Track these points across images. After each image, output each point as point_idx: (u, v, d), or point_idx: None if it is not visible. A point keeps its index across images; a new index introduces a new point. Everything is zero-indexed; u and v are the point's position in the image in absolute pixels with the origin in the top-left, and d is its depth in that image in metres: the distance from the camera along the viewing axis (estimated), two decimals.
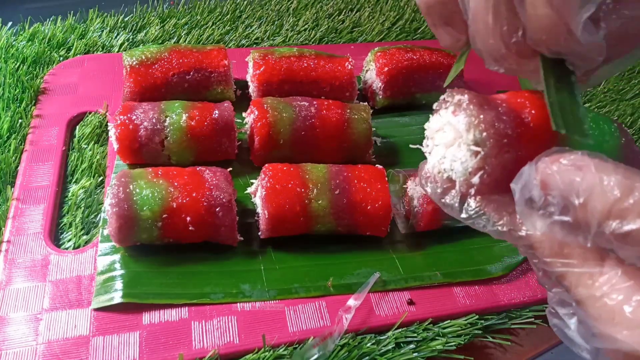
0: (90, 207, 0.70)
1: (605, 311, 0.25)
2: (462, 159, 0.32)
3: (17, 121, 0.79)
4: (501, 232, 0.30)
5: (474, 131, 0.31)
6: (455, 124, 0.32)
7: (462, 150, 0.32)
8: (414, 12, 1.18)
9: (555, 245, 0.28)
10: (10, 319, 0.58)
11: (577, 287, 0.27)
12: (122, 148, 0.71)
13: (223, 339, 0.58)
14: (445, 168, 0.33)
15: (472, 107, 0.31)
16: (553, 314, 0.30)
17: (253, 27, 1.07)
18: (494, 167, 0.31)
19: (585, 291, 0.26)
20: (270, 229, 0.65)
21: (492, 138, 0.30)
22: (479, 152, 0.31)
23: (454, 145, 0.33)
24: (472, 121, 0.31)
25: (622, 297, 0.25)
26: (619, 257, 0.26)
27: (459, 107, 0.32)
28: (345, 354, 0.58)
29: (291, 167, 0.67)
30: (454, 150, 0.32)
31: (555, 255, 0.28)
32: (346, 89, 0.84)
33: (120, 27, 1.02)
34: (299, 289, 0.64)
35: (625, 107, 1.02)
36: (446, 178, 0.33)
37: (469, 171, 0.31)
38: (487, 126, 0.31)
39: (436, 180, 0.34)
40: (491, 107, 0.31)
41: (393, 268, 0.67)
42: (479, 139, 0.31)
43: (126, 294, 0.60)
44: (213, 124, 0.72)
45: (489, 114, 0.31)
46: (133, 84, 0.78)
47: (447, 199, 0.33)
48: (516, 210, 0.29)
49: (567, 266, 0.27)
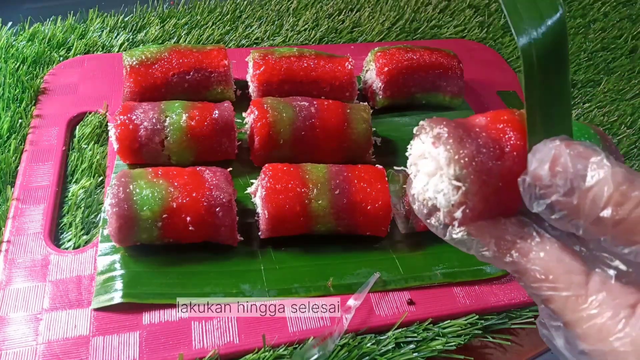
0: (90, 207, 0.70)
1: (594, 330, 0.26)
2: (444, 191, 0.32)
3: (17, 121, 0.79)
4: (488, 258, 0.31)
5: (454, 166, 0.31)
6: (436, 156, 0.32)
7: (444, 182, 0.32)
8: (414, 12, 1.18)
9: (542, 270, 0.29)
10: (10, 319, 0.58)
11: (564, 311, 0.28)
12: (122, 148, 0.71)
13: (223, 339, 0.58)
14: (429, 196, 0.33)
15: (452, 142, 0.31)
16: (542, 324, 0.31)
17: (253, 27, 1.07)
18: (475, 202, 0.31)
19: (573, 314, 0.27)
20: (270, 229, 0.65)
21: (472, 174, 0.30)
22: (460, 187, 0.31)
23: (435, 175, 0.32)
24: (452, 156, 0.31)
25: (610, 314, 0.26)
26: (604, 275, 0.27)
27: (438, 140, 0.32)
28: (345, 354, 0.58)
29: (291, 167, 0.67)
30: (436, 181, 0.32)
31: (541, 280, 0.28)
32: (346, 89, 0.84)
33: (120, 27, 1.02)
34: (299, 289, 0.64)
35: (625, 107, 1.02)
36: (431, 205, 0.33)
37: (452, 204, 0.31)
38: (467, 162, 0.30)
39: (422, 204, 0.34)
40: (471, 140, 0.31)
41: (393, 268, 0.67)
42: (460, 175, 0.30)
43: (126, 294, 0.60)
44: (213, 124, 0.72)
45: (469, 149, 0.31)
46: (133, 84, 0.78)
47: (432, 220, 0.34)
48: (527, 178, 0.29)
49: (553, 290, 0.28)
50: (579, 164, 0.27)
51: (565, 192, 0.27)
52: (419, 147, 0.34)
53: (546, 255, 0.29)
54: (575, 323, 0.27)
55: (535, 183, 0.28)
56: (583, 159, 0.27)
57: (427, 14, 1.18)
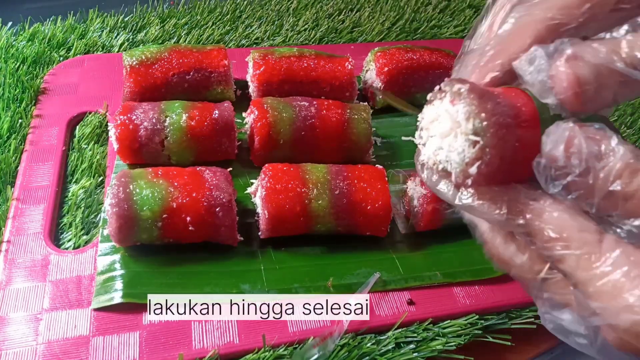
0: (90, 207, 0.70)
1: (607, 287, 0.26)
2: (459, 149, 0.31)
3: (17, 121, 0.79)
4: (499, 221, 0.31)
5: (473, 120, 0.30)
6: (454, 114, 0.31)
7: (459, 141, 0.31)
8: (414, 12, 1.18)
9: (555, 228, 0.29)
10: (10, 319, 0.58)
11: (576, 270, 0.27)
12: (122, 148, 0.71)
13: (223, 339, 0.58)
14: (440, 159, 0.32)
15: (473, 96, 0.31)
16: (544, 313, 0.31)
17: (253, 27, 1.07)
18: (492, 157, 0.30)
19: (585, 273, 0.27)
20: (270, 229, 0.65)
21: (492, 127, 0.30)
22: (477, 141, 0.30)
23: (450, 135, 0.32)
24: (473, 110, 0.30)
25: (625, 270, 0.26)
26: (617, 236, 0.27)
27: (459, 96, 0.31)
28: (345, 354, 0.58)
29: (291, 167, 0.67)
30: (450, 141, 0.32)
31: (555, 240, 0.28)
32: (346, 89, 0.84)
33: (120, 27, 1.02)
34: (299, 289, 0.64)
35: (625, 107, 1.02)
36: (441, 169, 0.33)
37: (466, 162, 0.31)
38: (487, 115, 0.30)
39: (432, 169, 0.34)
40: (490, 97, 0.31)
41: (393, 268, 0.67)
42: (479, 128, 0.30)
43: (126, 294, 0.60)
44: (213, 124, 0.72)
45: (489, 103, 0.30)
46: (133, 84, 0.78)
47: (441, 186, 0.33)
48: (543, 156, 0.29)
49: (566, 248, 0.28)
50: (593, 143, 0.27)
51: (581, 173, 0.27)
52: (432, 112, 0.33)
53: (560, 214, 0.29)
54: (588, 282, 0.27)
55: (550, 165, 0.28)
56: (596, 139, 0.27)
57: (427, 14, 1.18)
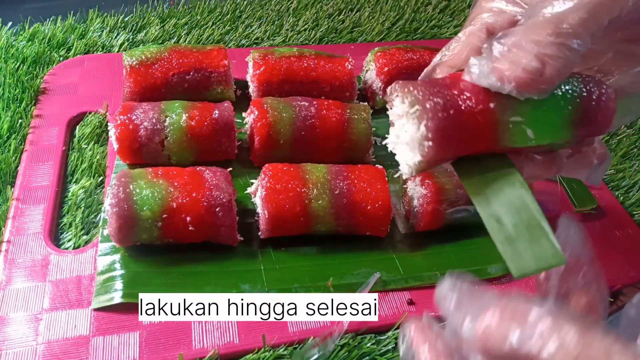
0: (90, 207, 0.70)
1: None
2: (411, 131, 0.38)
3: (17, 121, 0.79)
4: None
5: (409, 99, 0.37)
6: (396, 110, 0.39)
7: (409, 124, 0.38)
8: (414, 12, 1.18)
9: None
10: (10, 319, 0.58)
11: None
12: (122, 148, 0.71)
13: (223, 339, 0.58)
14: (407, 159, 0.39)
15: (398, 85, 0.38)
16: None
17: (253, 27, 1.07)
18: (434, 114, 0.36)
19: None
20: (270, 229, 0.65)
21: (420, 93, 0.36)
22: (417, 109, 0.36)
23: (402, 129, 0.39)
24: (403, 92, 0.38)
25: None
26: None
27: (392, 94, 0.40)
28: (345, 354, 0.58)
29: (291, 167, 0.67)
30: (404, 131, 0.39)
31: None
32: (346, 89, 0.84)
33: (120, 27, 1.02)
34: (299, 289, 0.64)
35: None
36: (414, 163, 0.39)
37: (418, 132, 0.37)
38: (413, 89, 0.37)
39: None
40: (422, 83, 0.37)
41: (393, 268, 0.67)
42: (413, 101, 0.37)
43: (126, 294, 0.60)
44: (213, 124, 0.72)
45: (413, 84, 0.37)
46: (133, 84, 0.78)
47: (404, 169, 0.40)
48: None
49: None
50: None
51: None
52: (392, 132, 0.41)
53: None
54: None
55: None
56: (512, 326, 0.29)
57: (427, 14, 1.18)
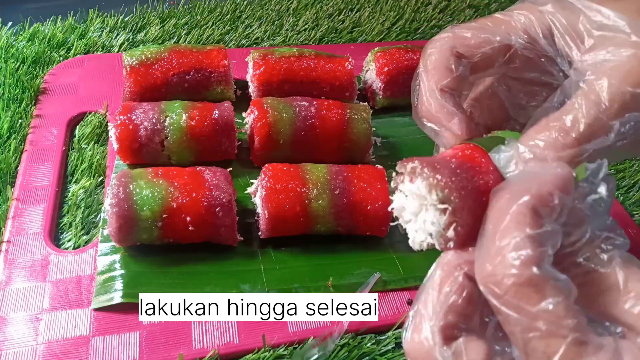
0: (90, 207, 0.70)
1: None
2: (433, 220, 0.33)
3: (17, 121, 0.79)
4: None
5: (435, 190, 0.32)
6: (416, 190, 0.33)
7: (430, 212, 0.33)
8: (414, 12, 1.18)
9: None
10: (10, 319, 0.58)
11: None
12: (122, 148, 0.71)
13: (223, 339, 0.58)
14: (422, 239, 0.34)
15: (427, 169, 0.32)
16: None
17: (253, 27, 1.07)
18: (464, 217, 0.32)
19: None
20: (270, 229, 0.65)
21: (454, 192, 0.32)
22: (446, 208, 0.32)
23: (421, 211, 0.34)
24: (432, 182, 0.32)
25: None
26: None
27: (414, 173, 0.33)
28: (345, 354, 0.58)
29: (291, 167, 0.67)
30: (423, 216, 0.33)
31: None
32: (346, 89, 0.84)
33: (120, 27, 1.02)
34: (299, 289, 0.64)
35: None
36: (428, 244, 0.34)
37: (443, 227, 0.32)
38: (446, 182, 0.32)
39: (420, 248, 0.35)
40: (442, 164, 0.33)
41: (393, 268, 0.67)
42: (443, 196, 0.32)
43: (126, 294, 0.60)
44: (213, 124, 0.72)
45: (444, 171, 0.32)
46: (133, 84, 0.78)
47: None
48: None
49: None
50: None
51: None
52: (400, 199, 0.35)
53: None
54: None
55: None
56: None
57: (427, 14, 1.18)
